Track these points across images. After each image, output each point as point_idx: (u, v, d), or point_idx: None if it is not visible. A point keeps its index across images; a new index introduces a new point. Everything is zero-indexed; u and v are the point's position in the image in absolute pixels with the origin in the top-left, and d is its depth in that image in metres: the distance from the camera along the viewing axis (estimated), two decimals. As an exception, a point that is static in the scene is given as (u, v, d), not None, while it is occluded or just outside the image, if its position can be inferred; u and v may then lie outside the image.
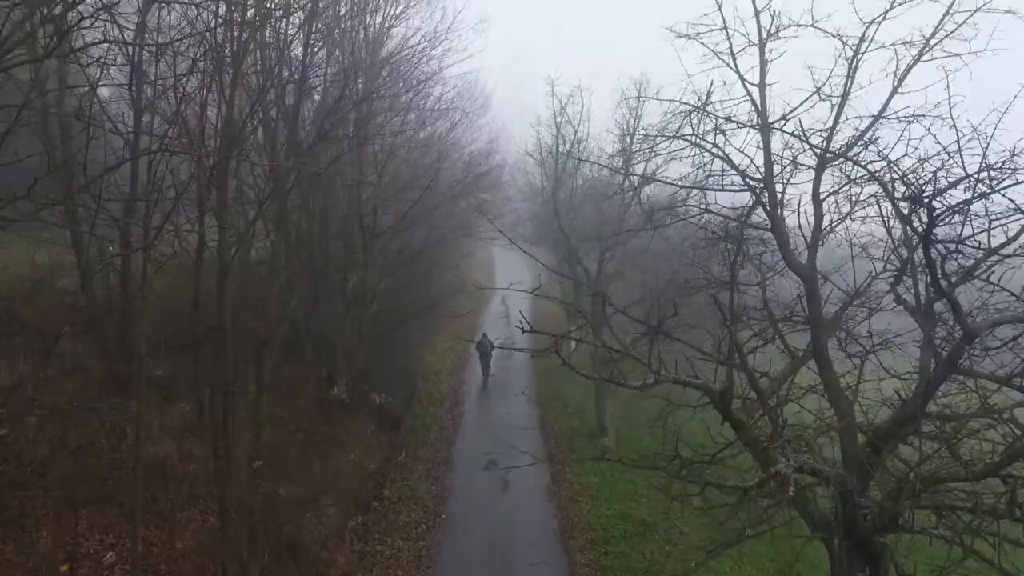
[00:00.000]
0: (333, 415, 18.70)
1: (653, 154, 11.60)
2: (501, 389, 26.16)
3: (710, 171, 10.36)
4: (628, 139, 20.85)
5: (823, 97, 9.90)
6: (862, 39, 8.96)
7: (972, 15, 8.65)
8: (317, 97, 17.92)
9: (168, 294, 15.43)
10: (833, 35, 9.08)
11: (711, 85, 10.07)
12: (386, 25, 18.92)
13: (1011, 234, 8.23)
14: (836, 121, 9.22)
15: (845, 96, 9.22)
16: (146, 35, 13.31)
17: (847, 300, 10.63)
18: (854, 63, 9.03)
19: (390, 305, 19.50)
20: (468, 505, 17.04)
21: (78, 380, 15.90)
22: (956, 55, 9.15)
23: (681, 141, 11.11)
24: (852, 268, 10.94)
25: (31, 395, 14.44)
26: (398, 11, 18.91)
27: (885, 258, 9.68)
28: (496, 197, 29.96)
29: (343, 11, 16.75)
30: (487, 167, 25.87)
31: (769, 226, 9.83)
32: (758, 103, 9.81)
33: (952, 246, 7.68)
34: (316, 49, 16.11)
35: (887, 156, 8.29)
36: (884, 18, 8.88)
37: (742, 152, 9.91)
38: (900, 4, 8.78)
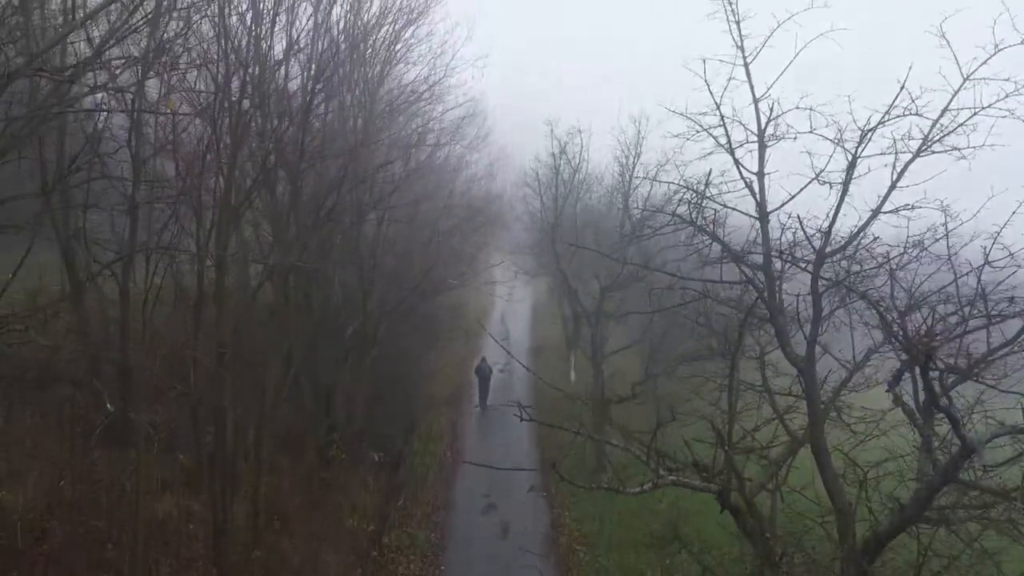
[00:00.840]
0: (332, 460, 18.76)
1: (653, 233, 11.51)
2: (499, 420, 26.15)
3: (708, 255, 10.36)
4: (626, 221, 20.92)
5: (822, 182, 9.94)
6: (860, 142, 8.98)
7: (970, 117, 8.67)
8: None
9: (167, 336, 15.47)
10: (832, 141, 9.11)
11: (709, 174, 10.11)
12: (384, 70, 18.91)
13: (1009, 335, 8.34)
14: (835, 217, 9.23)
15: (843, 194, 9.22)
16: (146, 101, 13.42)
17: (845, 379, 10.68)
18: (852, 165, 9.05)
19: (390, 347, 19.51)
20: (468, 555, 17.07)
21: (78, 429, 15.95)
22: (956, 148, 9.21)
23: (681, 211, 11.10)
24: (851, 343, 11.03)
25: (31, 448, 14.51)
26: (397, 57, 18.94)
27: (885, 338, 9.68)
28: (496, 232, 29.95)
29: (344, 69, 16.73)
30: (487, 199, 25.89)
31: (768, 316, 9.84)
32: (757, 193, 9.81)
33: (951, 362, 7.73)
34: (317, 103, 16.15)
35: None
36: (881, 124, 8.90)
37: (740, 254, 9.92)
38: (895, 117, 8.75)
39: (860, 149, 9.04)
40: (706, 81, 9.47)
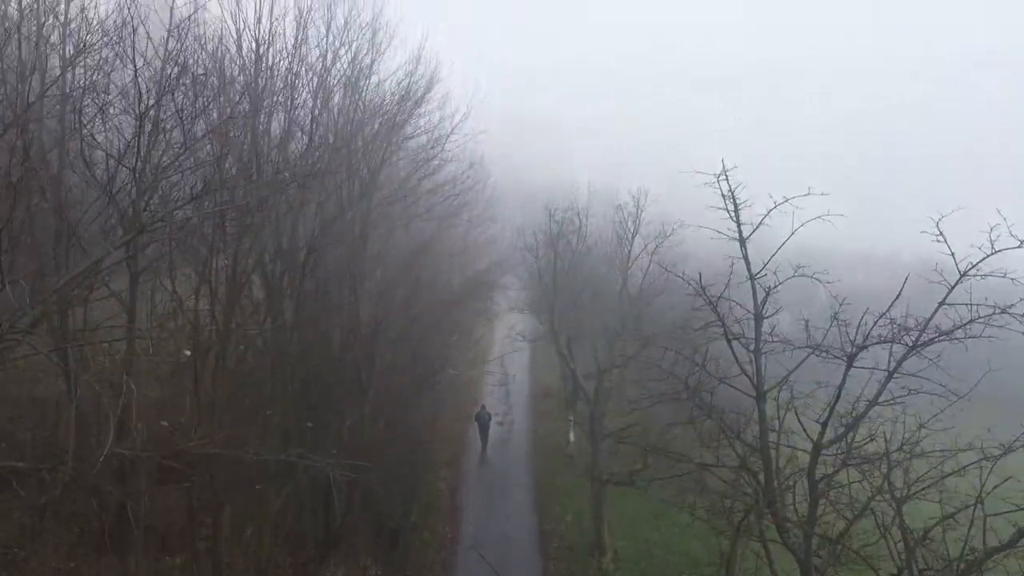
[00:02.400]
0: (330, 543, 18.80)
1: (652, 403, 11.51)
2: (500, 482, 26.19)
3: (704, 426, 10.40)
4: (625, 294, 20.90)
5: (819, 355, 9.97)
6: (852, 358, 9.02)
7: (968, 323, 8.70)
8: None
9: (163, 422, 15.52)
10: (833, 358, 9.14)
11: (706, 354, 10.13)
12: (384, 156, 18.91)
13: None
14: (832, 410, 9.26)
15: (841, 387, 9.25)
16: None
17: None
18: (850, 364, 9.09)
19: (387, 435, 19.51)
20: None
21: (75, 531, 15.97)
22: (955, 338, 9.25)
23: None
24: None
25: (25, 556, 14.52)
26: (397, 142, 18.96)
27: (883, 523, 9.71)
28: (496, 293, 29.95)
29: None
30: (487, 263, 25.90)
31: (767, 502, 9.85)
32: (752, 375, 9.83)
33: None
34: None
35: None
36: (874, 342, 8.95)
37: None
38: (882, 331, 8.77)
39: (858, 344, 9.06)
40: (701, 285, 9.45)
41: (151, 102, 11.55)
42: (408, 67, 18.79)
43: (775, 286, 10.10)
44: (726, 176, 10.04)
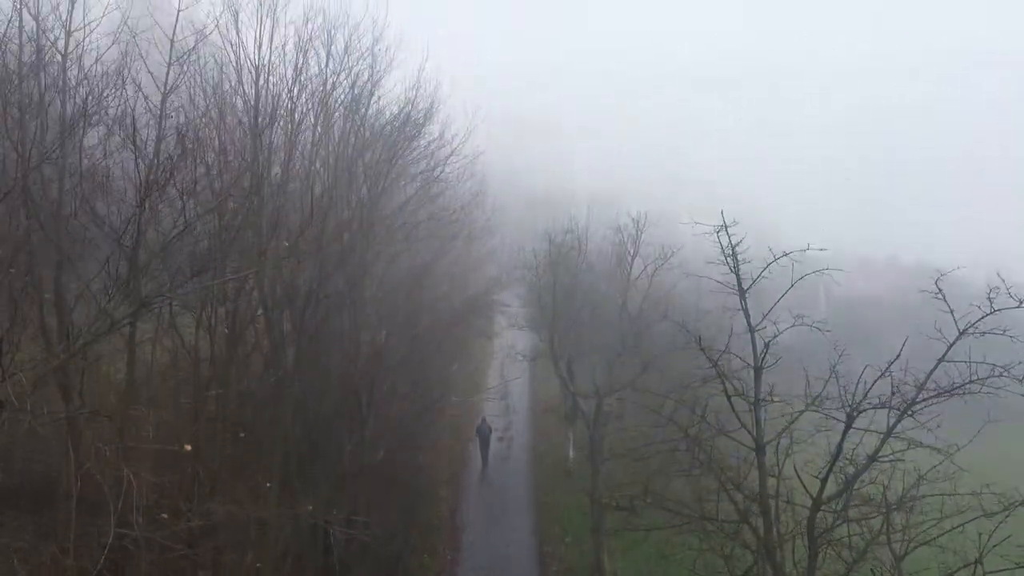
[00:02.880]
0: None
1: (655, 452, 11.54)
2: (500, 502, 26.20)
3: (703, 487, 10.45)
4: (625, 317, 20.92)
5: (817, 410, 10.00)
6: (851, 419, 9.06)
7: (964, 384, 8.74)
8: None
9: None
10: (832, 417, 9.19)
11: (705, 407, 10.17)
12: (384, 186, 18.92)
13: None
14: (832, 467, 9.30)
15: (840, 445, 9.29)
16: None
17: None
18: (848, 425, 9.12)
19: (387, 461, 19.53)
20: None
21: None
22: (952, 396, 9.28)
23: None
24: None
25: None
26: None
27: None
28: (496, 311, 29.97)
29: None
30: (487, 281, 25.93)
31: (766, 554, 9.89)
32: (752, 429, 9.86)
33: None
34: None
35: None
36: (871, 407, 9.00)
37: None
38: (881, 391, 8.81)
39: (856, 407, 9.10)
40: (701, 346, 9.48)
41: (148, 193, 11.63)
42: (408, 94, 18.78)
43: (775, 336, 10.13)
44: (726, 229, 10.05)
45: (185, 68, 15.69)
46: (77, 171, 14.39)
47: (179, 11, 16.00)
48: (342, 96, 18.63)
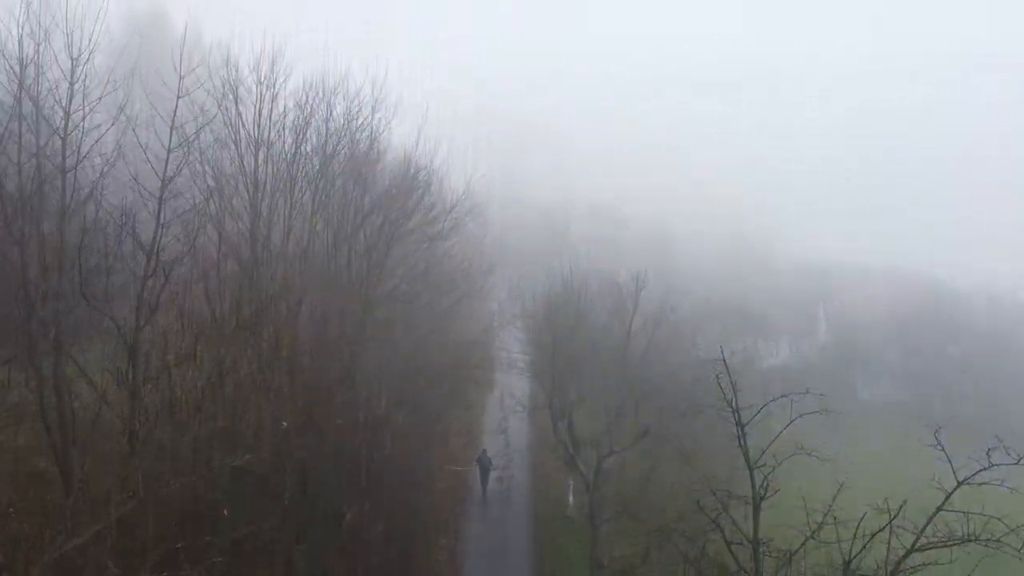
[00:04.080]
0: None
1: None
2: (500, 551, 26.21)
3: None
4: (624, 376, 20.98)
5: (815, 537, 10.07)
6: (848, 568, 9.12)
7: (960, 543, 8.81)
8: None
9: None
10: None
11: (704, 549, 10.24)
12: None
13: None
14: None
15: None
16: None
17: None
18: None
19: (387, 530, 19.62)
20: None
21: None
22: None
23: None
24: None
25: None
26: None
27: None
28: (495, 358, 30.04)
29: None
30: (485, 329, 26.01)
31: None
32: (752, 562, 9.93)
33: None
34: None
35: None
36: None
37: None
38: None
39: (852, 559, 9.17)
40: (700, 505, 9.54)
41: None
42: (409, 150, 18.83)
43: (773, 468, 10.18)
44: (726, 365, 10.08)
45: (186, 155, 15.69)
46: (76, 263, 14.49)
47: (179, 97, 16.04)
48: (341, 166, 18.65)
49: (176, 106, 15.51)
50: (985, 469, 8.84)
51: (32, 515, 14.29)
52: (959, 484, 9.11)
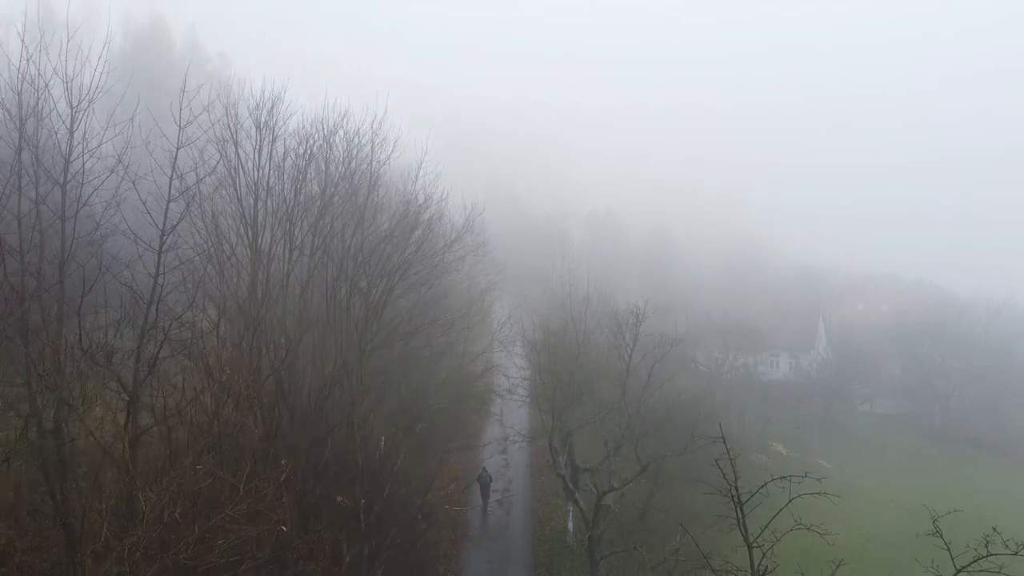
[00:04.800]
0: None
1: None
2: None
3: None
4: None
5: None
6: None
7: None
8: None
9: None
10: None
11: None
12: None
13: None
14: None
15: None
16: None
17: None
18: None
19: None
20: None
21: None
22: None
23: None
24: None
25: None
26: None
27: None
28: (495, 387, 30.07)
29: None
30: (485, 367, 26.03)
31: None
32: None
33: None
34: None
35: None
36: None
37: None
38: None
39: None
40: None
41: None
42: (404, 207, 18.81)
43: (771, 545, 10.18)
44: (727, 450, 10.09)
45: (187, 207, 15.68)
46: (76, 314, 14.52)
47: (177, 148, 16.06)
48: (341, 207, 18.65)
49: (175, 156, 15.54)
50: (984, 556, 8.85)
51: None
52: (958, 572, 9.12)
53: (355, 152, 18.64)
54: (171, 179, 15.28)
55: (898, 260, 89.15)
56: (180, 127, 15.36)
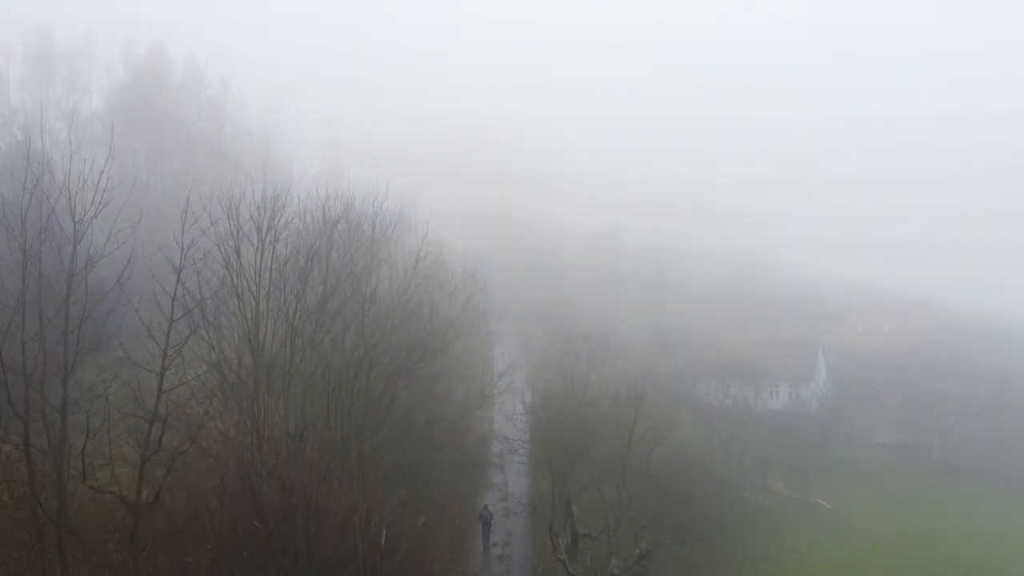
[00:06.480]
0: None
1: None
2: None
3: None
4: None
5: None
6: None
7: None
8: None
9: None
10: None
11: None
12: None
13: None
14: None
15: None
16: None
17: None
18: None
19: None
20: None
21: None
22: None
23: None
24: None
25: None
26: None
27: None
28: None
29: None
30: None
31: None
32: None
33: None
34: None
35: None
36: None
37: None
38: None
39: None
40: None
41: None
42: (404, 303, 18.95)
43: None
44: None
45: (190, 330, 15.79)
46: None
47: (183, 248, 16.18)
48: (342, 310, 18.77)
49: (178, 279, 15.62)
50: None
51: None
52: None
53: (355, 250, 18.76)
54: (173, 300, 15.32)
55: (900, 274, 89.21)
56: (183, 248, 15.46)
